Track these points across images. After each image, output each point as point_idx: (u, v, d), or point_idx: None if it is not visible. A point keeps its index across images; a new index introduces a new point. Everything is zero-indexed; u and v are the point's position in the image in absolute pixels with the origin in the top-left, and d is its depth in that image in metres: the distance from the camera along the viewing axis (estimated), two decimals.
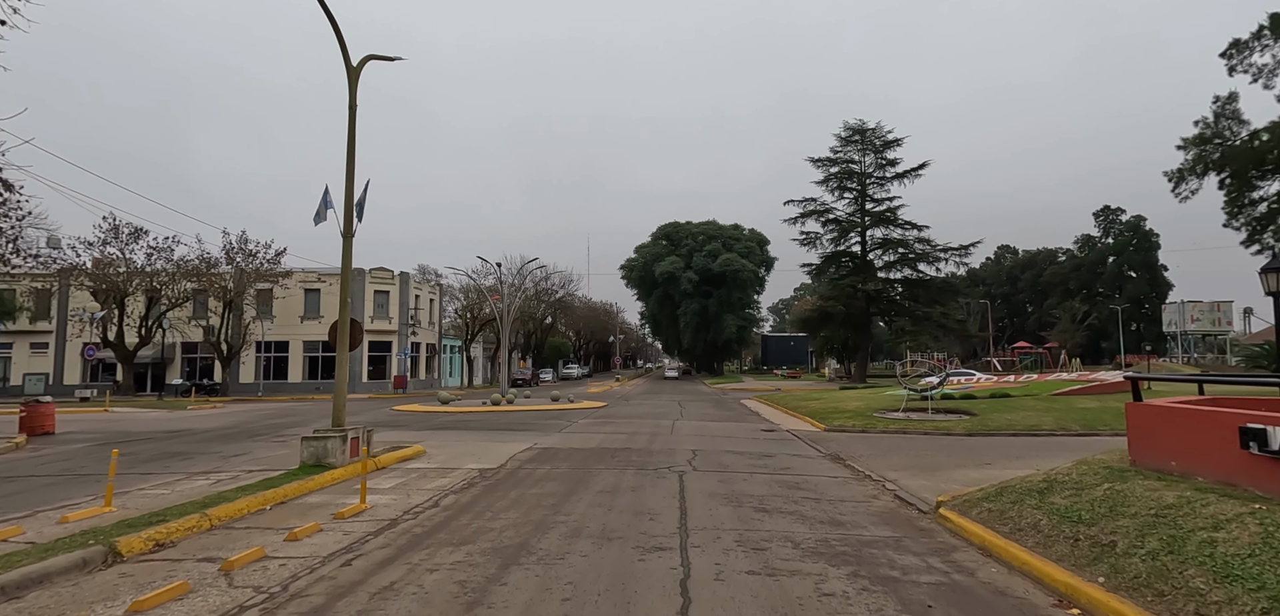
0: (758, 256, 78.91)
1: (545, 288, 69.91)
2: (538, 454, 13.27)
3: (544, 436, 16.59)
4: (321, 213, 11.65)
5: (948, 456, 12.96)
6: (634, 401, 32.79)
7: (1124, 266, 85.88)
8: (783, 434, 17.84)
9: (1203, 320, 68.31)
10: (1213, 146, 33.30)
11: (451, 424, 20.11)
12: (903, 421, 18.61)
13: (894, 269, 52.09)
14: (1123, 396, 21.97)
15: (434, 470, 11.24)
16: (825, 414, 21.13)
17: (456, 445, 14.69)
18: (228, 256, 38.19)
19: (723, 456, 13.05)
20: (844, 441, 15.84)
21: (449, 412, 24.48)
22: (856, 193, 53.00)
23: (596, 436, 16.67)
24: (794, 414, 23.27)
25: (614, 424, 20.15)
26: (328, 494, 9.08)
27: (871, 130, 51.82)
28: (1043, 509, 6.67)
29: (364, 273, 44.39)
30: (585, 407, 27.07)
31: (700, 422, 20.85)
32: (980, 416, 18.62)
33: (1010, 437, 16.05)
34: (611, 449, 14.10)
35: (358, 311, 43.82)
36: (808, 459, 13.01)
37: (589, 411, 25.24)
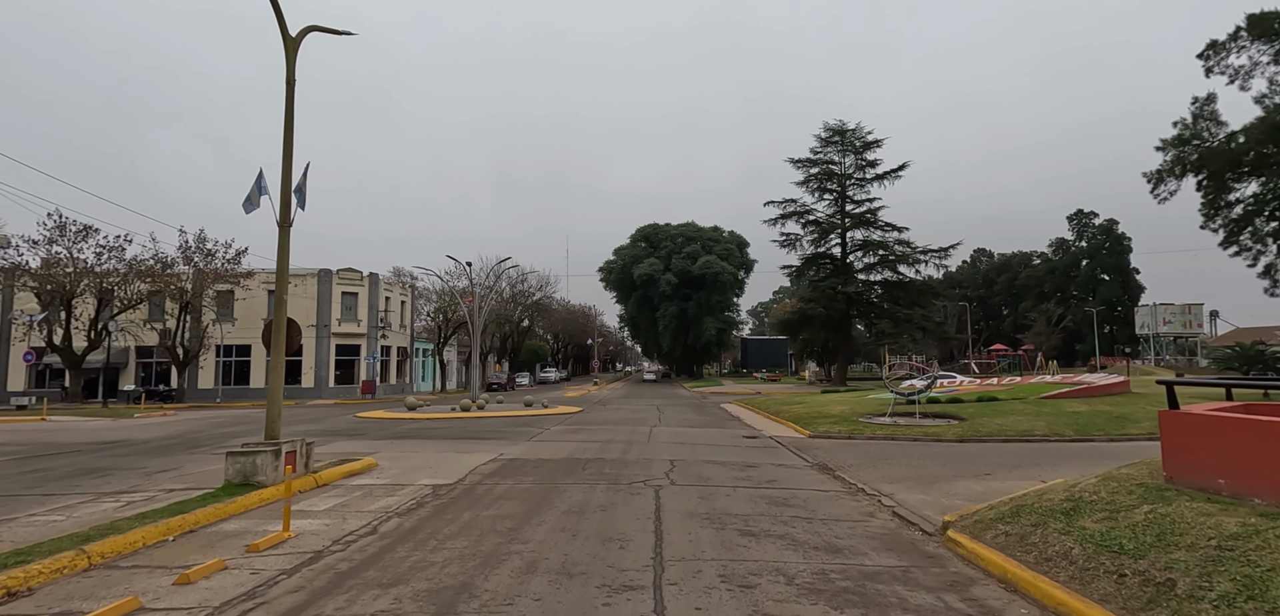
0: (737, 259, 78.35)
1: (521, 289, 68.60)
2: (501, 466, 12.15)
3: (511, 445, 15.46)
4: (254, 199, 10.42)
5: (942, 466, 12.11)
6: (611, 406, 31.72)
7: (1097, 270, 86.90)
8: (766, 441, 16.92)
9: (1175, 322, 69.24)
10: (1191, 148, 33.27)
11: (414, 432, 18.87)
12: (890, 427, 17.80)
13: (874, 271, 51.77)
14: (1112, 400, 21.50)
15: (382, 487, 10.08)
16: (809, 419, 20.27)
17: (414, 456, 13.51)
18: (185, 256, 36.38)
19: (703, 467, 12.06)
20: (831, 449, 14.96)
21: (414, 420, 23.19)
22: (836, 194, 52.61)
23: (568, 445, 15.59)
24: (776, 419, 22.40)
25: (588, 431, 19.07)
26: (249, 519, 7.90)
27: (851, 131, 51.48)
28: (1073, 534, 5.76)
29: (331, 273, 42.73)
30: (559, 413, 25.95)
31: (679, 429, 19.86)
32: (970, 421, 17.89)
33: (1003, 444, 15.30)
34: (583, 460, 13.03)
35: (325, 313, 42.21)
36: (794, 469, 12.07)
37: (563, 417, 24.12)
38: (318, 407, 33.50)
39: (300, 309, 41.78)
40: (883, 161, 51.11)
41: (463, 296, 48.66)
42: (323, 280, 42.31)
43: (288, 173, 10.44)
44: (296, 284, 41.92)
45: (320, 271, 42.43)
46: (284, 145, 10.43)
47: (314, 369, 41.62)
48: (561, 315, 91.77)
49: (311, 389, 41.41)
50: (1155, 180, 34.17)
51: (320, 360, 41.73)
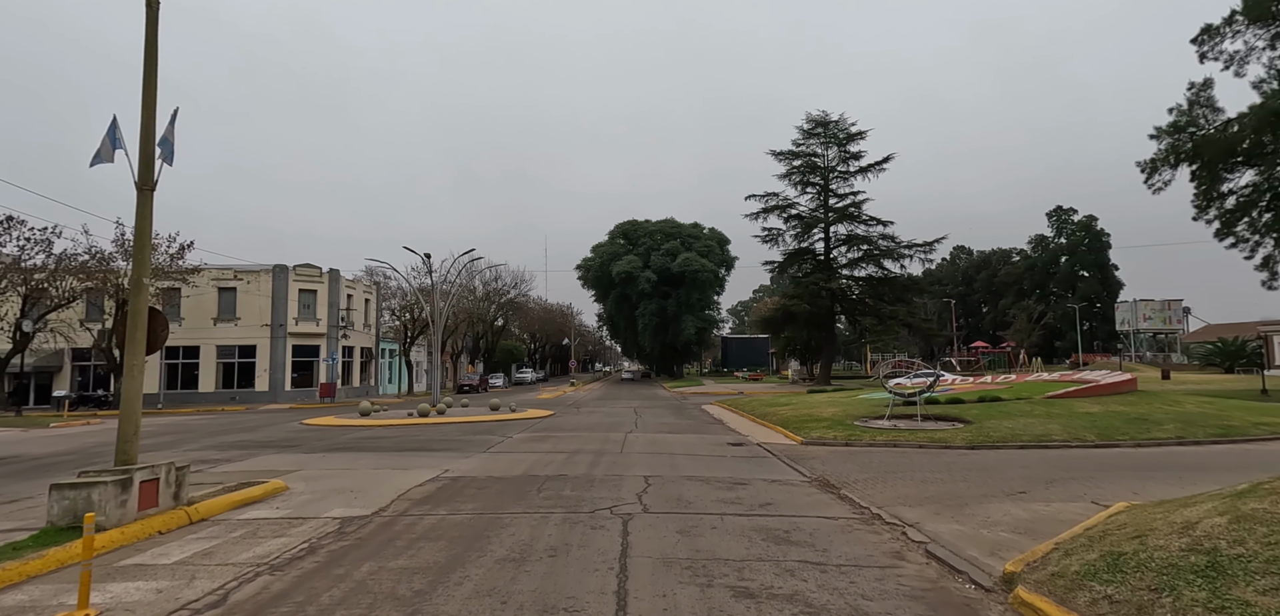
0: (717, 256, 76.68)
1: (495, 287, 66.23)
2: (440, 488, 10.08)
3: (463, 458, 13.37)
4: (105, 152, 8.12)
5: (963, 480, 10.31)
6: (585, 409, 29.68)
7: (1076, 266, 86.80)
8: (754, 449, 15.03)
9: (1155, 319, 69.08)
10: (1186, 136, 32.17)
11: (355, 443, 16.66)
12: (891, 431, 16.02)
13: (858, 266, 50.32)
14: (1123, 400, 19.98)
15: (275, 522, 7.96)
16: (799, 423, 18.45)
17: (338, 475, 11.36)
18: (125, 250, 33.50)
19: (683, 486, 10.11)
20: (828, 458, 13.10)
21: (364, 426, 20.95)
22: (820, 187, 51.10)
23: (528, 457, 13.54)
24: (763, 422, 20.56)
25: (555, 438, 17.03)
26: (54, 583, 5.75)
27: (834, 123, 49.99)
28: (1235, 610, 3.89)
29: (287, 270, 40.06)
30: (528, 417, 23.86)
31: (657, 435, 17.91)
32: (976, 424, 16.19)
33: (1020, 451, 13.58)
34: (541, 477, 11.01)
35: (281, 311, 39.58)
36: (791, 487, 10.18)
37: (530, 422, 22.04)
38: (266, 413, 30.97)
39: (254, 307, 39.13)
40: (866, 154, 49.73)
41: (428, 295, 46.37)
42: (278, 277, 39.64)
43: (149, 121, 8.18)
44: (248, 281, 39.29)
45: (275, 267, 39.76)
46: (144, 85, 8.16)
47: (268, 372, 38.95)
48: (538, 314, 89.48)
49: (266, 392, 38.75)
50: (1149, 170, 33.03)
51: (275, 362, 39.07)
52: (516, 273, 71.95)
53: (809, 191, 51.38)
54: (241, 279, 39.23)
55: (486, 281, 65.58)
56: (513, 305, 72.03)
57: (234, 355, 38.99)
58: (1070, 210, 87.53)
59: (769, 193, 51.58)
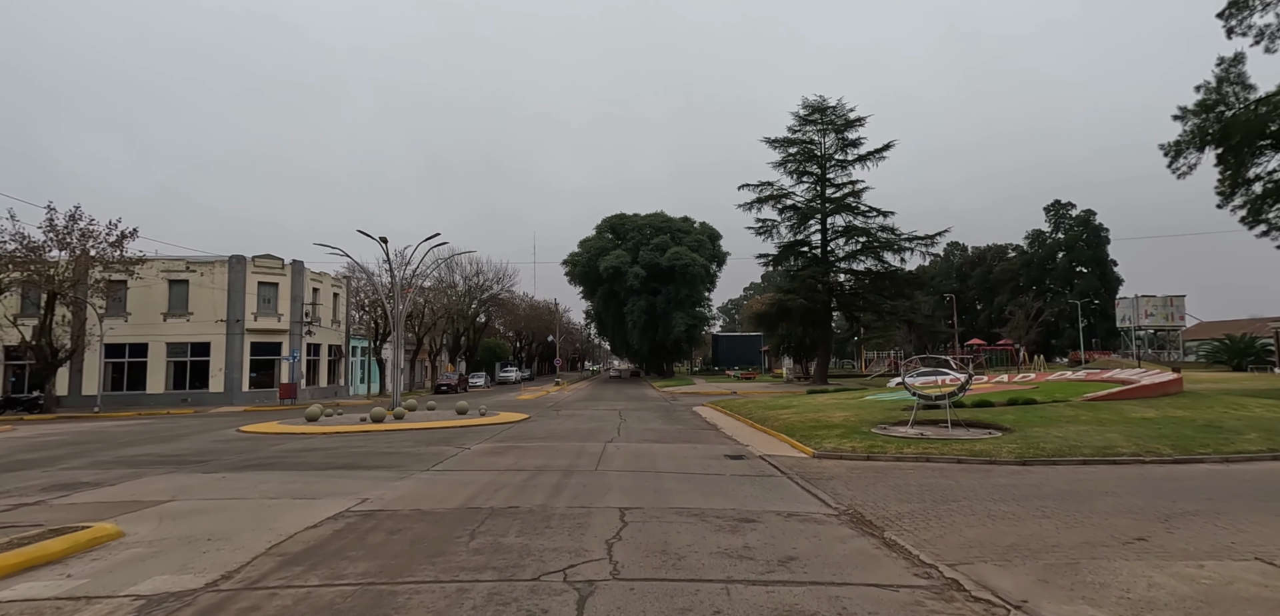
0: (708, 251, 74.21)
1: (477, 283, 63.32)
2: (338, 532, 7.38)
3: (394, 481, 10.68)
4: None
5: (1043, 516, 7.76)
6: (565, 411, 27.03)
7: (1074, 262, 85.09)
8: (757, 464, 12.45)
9: (1156, 315, 67.29)
10: (1212, 118, 29.90)
11: (275, 459, 13.89)
12: (918, 441, 13.48)
13: (857, 259, 47.95)
14: (1176, 402, 17.50)
15: (41, 607, 5.25)
16: (807, 430, 15.89)
17: (212, 513, 8.57)
18: (60, 240, 30.46)
19: (671, 526, 7.48)
20: (852, 479, 10.54)
21: (303, 435, 18.18)
22: (816, 176, 48.68)
23: (478, 479, 10.87)
24: (764, 428, 17.99)
25: (519, 451, 14.36)
26: None
27: (832, 108, 47.58)
28: None
29: (245, 261, 37.06)
30: (497, 422, 21.17)
31: (641, 445, 15.29)
32: (1018, 433, 13.70)
33: (1086, 469, 11.08)
34: (484, 510, 8.36)
35: (238, 306, 36.57)
36: (816, 526, 7.57)
37: (498, 429, 19.35)
38: (211, 418, 28.06)
39: (207, 301, 36.12)
40: (866, 141, 47.34)
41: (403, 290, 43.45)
42: (235, 269, 36.63)
43: None
44: (202, 273, 36.28)
45: (232, 258, 36.74)
46: None
47: (224, 371, 35.95)
48: (525, 312, 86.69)
49: (221, 394, 35.75)
50: (1173, 153, 30.72)
51: (231, 361, 36.07)
52: (499, 267, 69.21)
53: (805, 180, 48.99)
54: (194, 270, 36.18)
55: (467, 276, 62.78)
56: (496, 301, 69.14)
57: (186, 353, 35.96)
58: (1068, 204, 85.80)
59: (763, 182, 49.18)
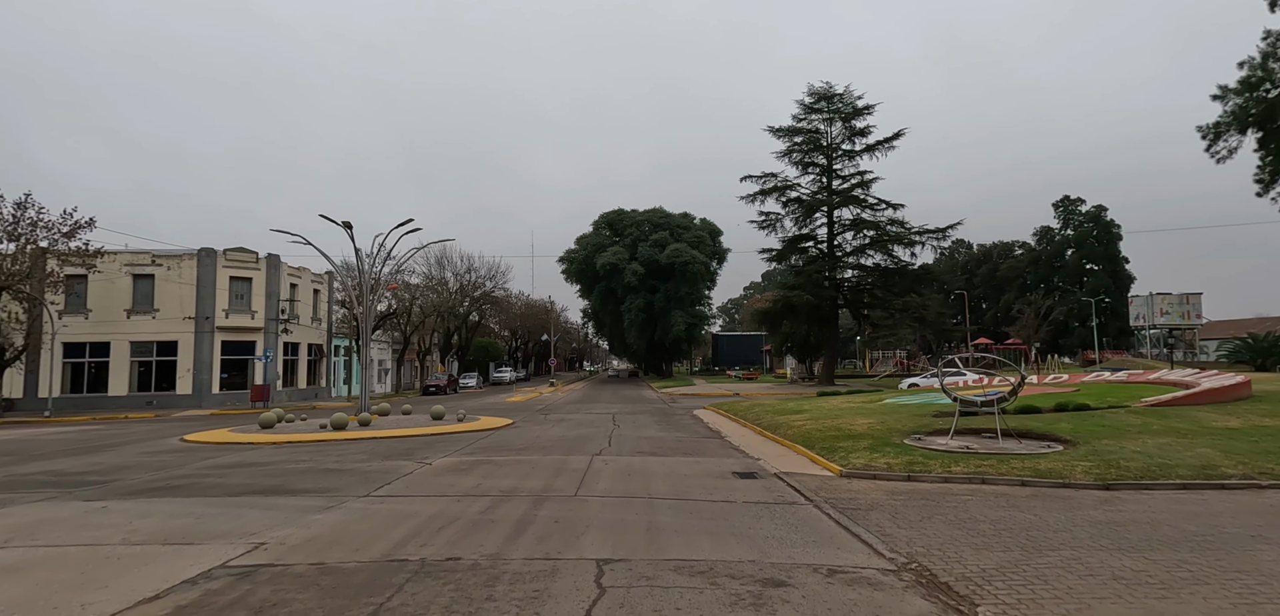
0: (709, 247, 71.92)
1: (469, 280, 61.04)
2: (181, 609, 5.11)
3: (316, 514, 8.40)
4: None
5: (1188, 574, 5.49)
6: (554, 415, 24.77)
7: (1084, 259, 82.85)
8: (774, 486, 10.19)
9: (1172, 313, 64.97)
10: (1254, 97, 27.69)
11: (190, 480, 11.61)
12: (966, 457, 11.21)
13: (865, 254, 45.66)
14: (1256, 407, 15.26)
15: None
16: (826, 440, 13.64)
17: (27, 576, 6.27)
18: (9, 230, 28.14)
19: (666, 590, 5.21)
20: (898, 510, 8.28)
21: (247, 445, 15.91)
22: (822, 167, 46.43)
23: (421, 510, 8.60)
24: (775, 437, 15.74)
25: (488, 467, 12.09)
26: None
27: (839, 95, 45.33)
28: None
29: (216, 254, 34.75)
30: (474, 429, 18.89)
31: (634, 459, 13.03)
32: (1084, 446, 11.45)
33: (1188, 493, 8.84)
34: (411, 564, 6.09)
35: (208, 302, 34.28)
36: (873, 593, 5.29)
37: (473, 438, 17.09)
38: (168, 422, 25.80)
39: (174, 297, 33.83)
40: (874, 130, 45.07)
41: (386, 284, 41.18)
42: (205, 262, 34.34)
43: None
44: (169, 267, 33.98)
45: (202, 251, 34.43)
46: None
47: (192, 372, 33.66)
48: (520, 310, 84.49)
49: (189, 396, 33.46)
50: (1211, 135, 28.53)
51: (200, 360, 33.78)
52: (492, 263, 66.98)
53: (811, 171, 46.74)
54: (160, 264, 33.88)
55: (459, 273, 60.53)
56: (490, 299, 66.85)
57: (151, 353, 33.66)
58: (1078, 200, 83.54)
59: (766, 173, 46.88)
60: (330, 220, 19.32)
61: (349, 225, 19.45)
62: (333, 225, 20.47)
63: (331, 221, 19.32)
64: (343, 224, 19.19)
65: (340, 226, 19.21)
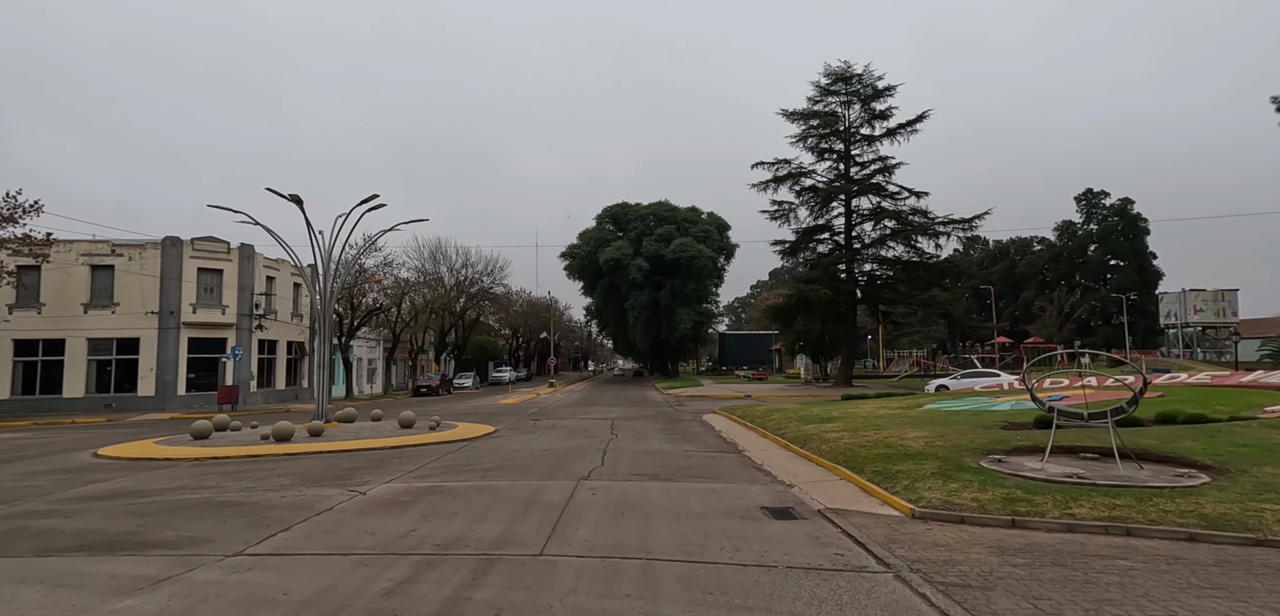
0: (716, 242, 68.85)
1: (465, 276, 58.21)
2: None
3: (141, 592, 5.48)
4: None
5: None
6: (545, 422, 21.83)
7: (1108, 255, 79.36)
8: (823, 532, 7.20)
9: (1207, 310, 61.66)
10: None
11: (19, 524, 8.72)
12: (1089, 493, 8.16)
13: (886, 245, 42.51)
14: None
15: None
16: (876, 460, 10.66)
17: None
18: None
19: None
20: (1032, 586, 5.27)
21: (160, 463, 13.04)
22: (840, 153, 43.35)
23: (291, 594, 5.66)
24: (807, 453, 12.77)
25: (436, 499, 9.15)
26: None
27: (858, 76, 42.22)
28: None
29: (182, 244, 31.96)
30: (446, 441, 15.97)
31: (630, 484, 10.07)
32: (1242, 475, 8.42)
33: None
34: None
35: (173, 295, 31.52)
36: None
37: (439, 452, 14.17)
38: (125, 428, 23.04)
39: (136, 290, 31.06)
40: (896, 112, 41.93)
41: (370, 277, 38.39)
42: (169, 252, 31.56)
43: None
44: (130, 257, 31.22)
45: (166, 240, 31.66)
46: None
47: (155, 371, 30.88)
48: (521, 308, 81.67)
49: (152, 397, 30.69)
50: None
51: (164, 360, 31.00)
52: (490, 258, 64.14)
53: (828, 158, 43.66)
54: (121, 255, 31.12)
55: (455, 268, 57.72)
56: (488, 296, 63.99)
57: (111, 351, 30.91)
58: (1102, 193, 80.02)
59: (779, 159, 43.78)
60: (277, 194, 16.45)
61: (298, 199, 16.54)
62: (326, 225, 17.62)
63: (278, 195, 16.46)
64: (290, 197, 16.29)
65: (288, 200, 16.32)
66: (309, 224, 17.59)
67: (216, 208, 16.62)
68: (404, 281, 45.11)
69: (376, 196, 17.89)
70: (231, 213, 16.77)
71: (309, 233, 17.82)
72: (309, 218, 17.50)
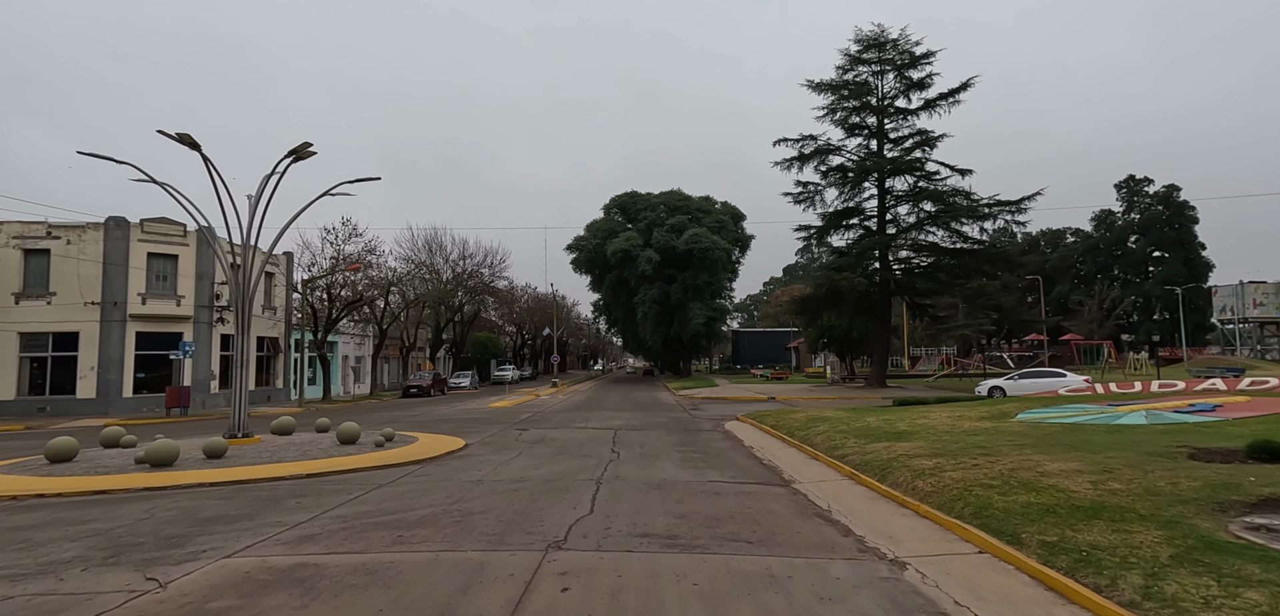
0: (731, 233, 64.54)
1: (464, 269, 54.34)
2: None
3: None
4: None
5: None
6: (533, 432, 17.72)
7: (1150, 247, 74.13)
8: None
9: (1268, 304, 56.66)
10: None
11: None
12: None
13: (923, 229, 38.03)
14: None
15: None
16: (1037, 519, 6.45)
17: None
18: None
19: None
20: None
21: None
22: (871, 130, 38.94)
23: None
24: (895, 494, 8.57)
25: (278, 607, 5.07)
26: None
27: (892, 42, 37.75)
28: None
29: (129, 225, 28.15)
30: (393, 464, 11.89)
31: (632, 560, 5.90)
32: None
33: None
34: None
35: (119, 284, 27.74)
36: None
37: (368, 484, 10.10)
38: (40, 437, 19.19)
39: (75, 277, 27.29)
40: (935, 81, 37.41)
41: (347, 265, 34.53)
42: (114, 235, 27.75)
43: None
44: (68, 240, 27.45)
45: (110, 220, 27.85)
46: None
47: (97, 370, 27.11)
48: (526, 304, 77.84)
49: (93, 400, 26.94)
50: None
51: (107, 357, 27.21)
52: (489, 249, 60.27)
53: (858, 134, 39.25)
54: (58, 237, 27.34)
55: (453, 261, 53.85)
56: (488, 290, 60.08)
57: (46, 347, 27.16)
58: (1145, 180, 74.84)
59: (805, 135, 39.33)
60: (166, 135, 12.45)
61: (189, 140, 12.36)
62: (315, 224, 13.60)
63: (168, 136, 12.46)
64: (177, 136, 12.23)
65: (176, 140, 12.25)
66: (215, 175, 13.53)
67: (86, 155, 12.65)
68: (392, 271, 41.18)
69: (309, 144, 13.84)
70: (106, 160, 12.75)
71: (215, 186, 13.74)
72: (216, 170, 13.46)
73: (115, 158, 13.01)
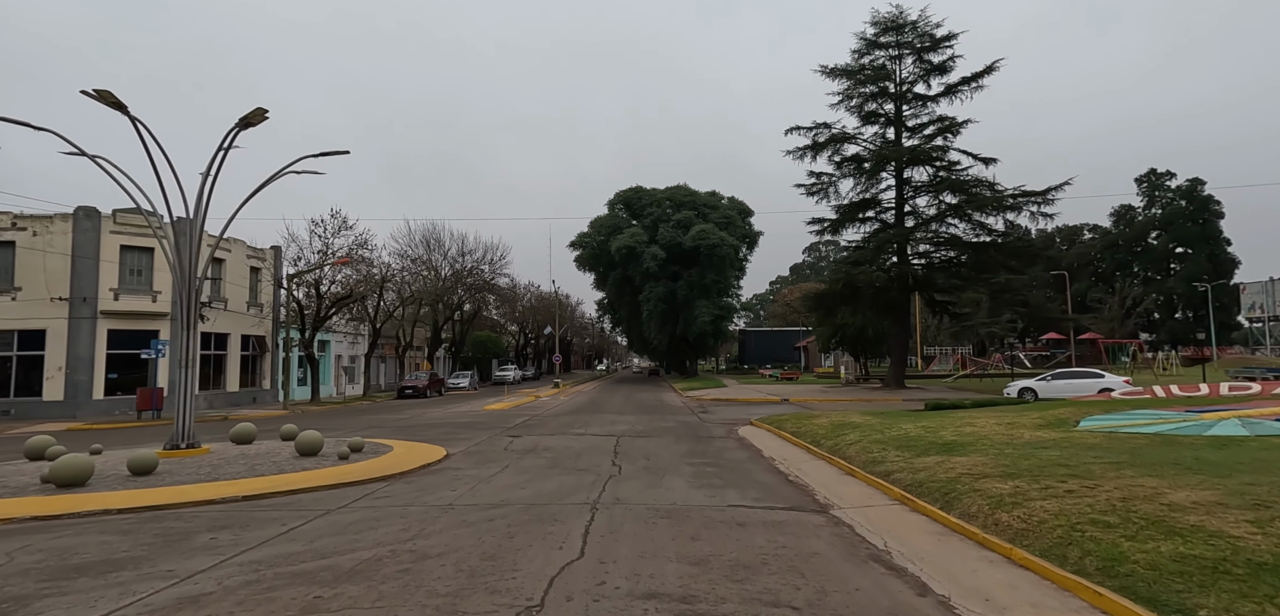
0: (739, 229, 62.52)
1: (463, 265, 52.54)
2: None
3: None
4: None
5: None
6: (527, 439, 15.84)
7: (1172, 243, 71.73)
8: None
9: None
10: None
11: None
12: None
13: (944, 222, 35.98)
14: None
15: None
16: (1206, 583, 4.49)
17: None
18: None
19: None
20: None
21: None
22: (888, 117, 36.93)
23: None
24: (971, 530, 6.58)
25: None
26: None
27: (911, 24, 35.75)
28: None
29: (100, 216, 26.43)
30: (352, 481, 10.05)
31: None
32: None
33: None
34: None
35: (88, 280, 26.03)
36: None
37: (315, 507, 8.24)
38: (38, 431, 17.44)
39: (40, 271, 25.59)
40: (956, 65, 35.39)
41: (334, 259, 32.76)
42: (83, 226, 26.05)
43: None
44: (35, 231, 25.76)
45: (79, 211, 26.15)
46: None
47: (65, 371, 25.41)
48: (529, 302, 76.07)
49: (61, 402, 25.25)
50: None
51: (76, 357, 25.52)
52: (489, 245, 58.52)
53: (875, 122, 37.24)
54: (23, 228, 25.65)
55: (451, 257, 52.07)
56: (489, 287, 58.27)
57: (11, 345, 25.46)
58: (1167, 173, 72.45)
59: (819, 123, 37.37)
60: (88, 95, 10.65)
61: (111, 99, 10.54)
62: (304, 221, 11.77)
63: (89, 95, 10.66)
64: (97, 93, 10.44)
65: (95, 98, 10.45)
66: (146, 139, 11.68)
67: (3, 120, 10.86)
68: (385, 266, 39.41)
69: (263, 110, 12.02)
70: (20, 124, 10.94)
71: (148, 154, 11.89)
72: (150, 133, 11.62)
73: (31, 123, 11.19)
